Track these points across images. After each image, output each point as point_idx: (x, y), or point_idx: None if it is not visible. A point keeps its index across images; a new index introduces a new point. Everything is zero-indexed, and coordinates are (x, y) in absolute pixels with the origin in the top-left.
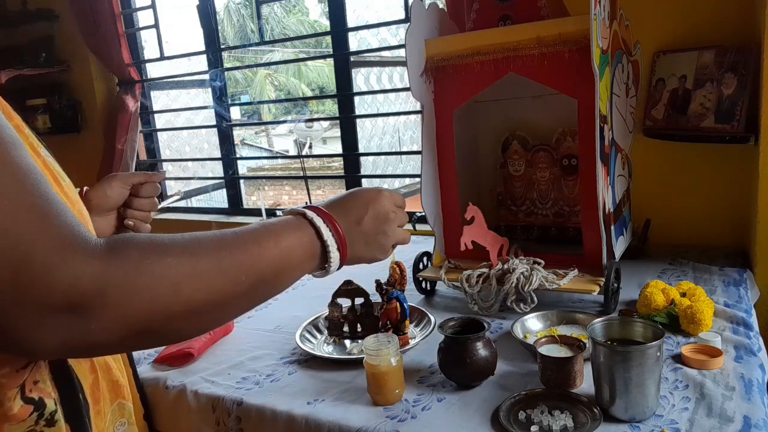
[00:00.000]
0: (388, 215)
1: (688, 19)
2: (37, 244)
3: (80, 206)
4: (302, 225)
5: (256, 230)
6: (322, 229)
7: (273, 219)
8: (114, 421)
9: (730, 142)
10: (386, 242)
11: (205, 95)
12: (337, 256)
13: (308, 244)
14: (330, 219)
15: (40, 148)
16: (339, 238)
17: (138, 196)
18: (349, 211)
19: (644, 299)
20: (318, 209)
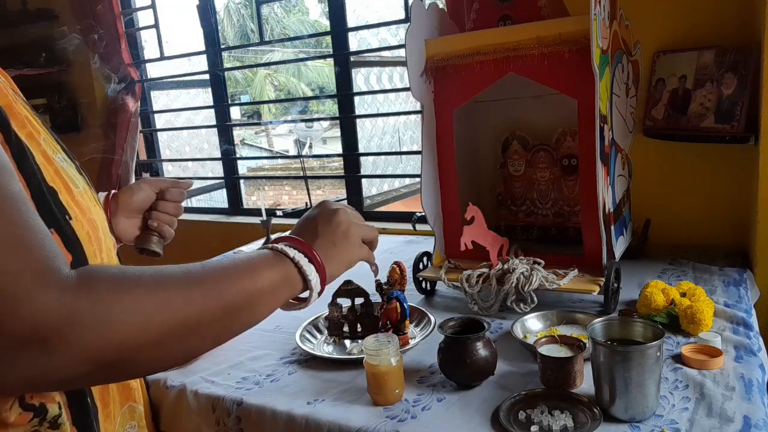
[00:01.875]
0: (335, 211)
1: (688, 19)
2: (8, 275)
3: (92, 214)
4: (272, 254)
5: (227, 261)
6: (285, 249)
7: (243, 255)
8: (124, 423)
9: (730, 142)
10: (350, 234)
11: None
12: (313, 270)
13: (280, 269)
14: (290, 239)
15: (56, 154)
16: (306, 250)
17: (164, 200)
18: (303, 231)
19: (644, 299)
20: (284, 239)
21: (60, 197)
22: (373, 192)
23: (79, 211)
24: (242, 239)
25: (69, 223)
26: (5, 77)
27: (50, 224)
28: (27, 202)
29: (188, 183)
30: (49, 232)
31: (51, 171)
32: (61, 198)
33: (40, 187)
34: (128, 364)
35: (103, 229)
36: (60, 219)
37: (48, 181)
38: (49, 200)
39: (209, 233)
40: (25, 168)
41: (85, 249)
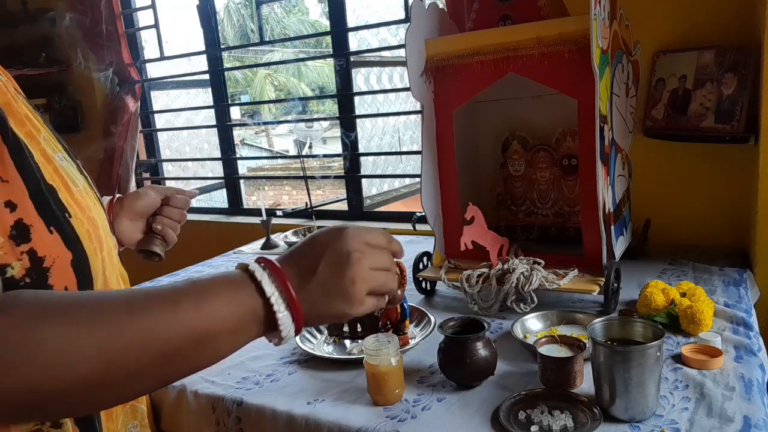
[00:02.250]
0: (350, 256)
1: (688, 19)
2: None
3: (92, 213)
4: (241, 283)
5: (177, 291)
6: (264, 286)
7: (207, 276)
8: (126, 423)
9: (730, 142)
10: (353, 290)
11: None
12: (288, 317)
13: (247, 307)
14: (277, 271)
15: (56, 153)
16: (288, 294)
17: (169, 205)
18: (301, 259)
19: (644, 299)
20: (264, 260)
21: (59, 195)
22: (373, 192)
23: (78, 209)
24: (242, 239)
25: (69, 221)
26: (7, 76)
27: (50, 222)
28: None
29: (194, 192)
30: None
31: (50, 169)
32: (61, 196)
33: (38, 185)
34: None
35: (103, 228)
36: (59, 217)
37: (47, 179)
38: (48, 198)
39: (209, 233)
40: (24, 166)
41: (86, 247)
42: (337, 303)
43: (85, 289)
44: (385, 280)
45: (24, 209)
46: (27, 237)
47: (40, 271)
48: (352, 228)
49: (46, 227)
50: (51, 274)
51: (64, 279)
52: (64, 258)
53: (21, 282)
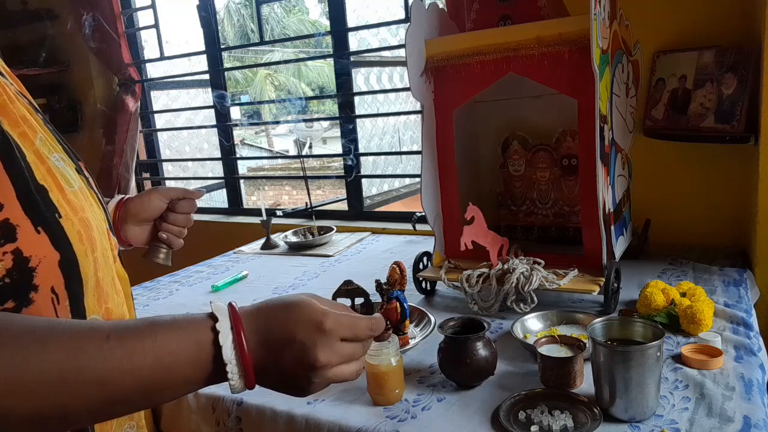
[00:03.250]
0: (315, 366)
1: (688, 19)
2: None
3: (85, 213)
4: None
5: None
6: (225, 352)
7: (170, 318)
8: (122, 423)
9: (730, 142)
10: (308, 389)
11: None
12: (239, 386)
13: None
14: (242, 346)
15: (53, 153)
16: (245, 367)
17: (174, 212)
18: (271, 336)
19: (644, 299)
20: (237, 328)
21: (51, 196)
22: (373, 192)
23: (70, 210)
24: (242, 239)
25: (58, 221)
26: (11, 77)
27: (38, 222)
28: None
29: (199, 193)
30: None
31: (43, 170)
32: (52, 197)
33: (27, 185)
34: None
35: (98, 229)
36: (48, 217)
37: (38, 179)
38: (37, 198)
39: (209, 233)
40: (12, 166)
41: (75, 248)
42: (289, 390)
43: (74, 289)
44: (345, 378)
45: (11, 209)
46: (13, 236)
47: (25, 271)
48: (332, 319)
49: (33, 227)
50: (37, 273)
51: (50, 279)
52: (52, 258)
53: (0, 282)
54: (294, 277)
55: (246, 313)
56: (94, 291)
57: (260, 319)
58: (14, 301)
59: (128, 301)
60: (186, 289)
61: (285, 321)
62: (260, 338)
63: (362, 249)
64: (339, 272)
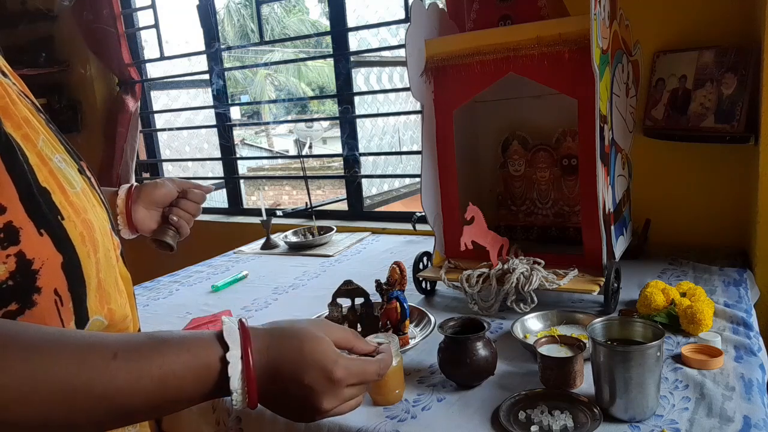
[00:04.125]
0: (320, 410)
1: (688, 19)
2: None
3: (88, 215)
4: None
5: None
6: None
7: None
8: None
9: (730, 142)
10: (306, 421)
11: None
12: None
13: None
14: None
15: (55, 155)
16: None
17: (186, 198)
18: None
19: (644, 299)
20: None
21: (53, 198)
22: (373, 192)
23: (73, 212)
24: (242, 239)
25: (61, 223)
26: (14, 77)
27: (40, 225)
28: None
29: (210, 188)
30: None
31: (45, 172)
32: (54, 198)
33: (30, 187)
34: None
35: (101, 230)
36: (51, 219)
37: (41, 181)
38: (39, 200)
39: (209, 233)
40: (15, 168)
41: (78, 249)
42: (288, 416)
43: (77, 291)
44: (343, 413)
45: (14, 211)
46: (16, 239)
47: (28, 274)
48: (343, 368)
49: (36, 229)
50: (40, 276)
51: (53, 281)
52: (54, 260)
53: (4, 285)
54: (294, 277)
55: (258, 340)
56: (96, 292)
57: (271, 351)
58: (17, 304)
59: (131, 301)
60: (186, 289)
61: (295, 358)
62: (269, 371)
63: (362, 249)
64: (339, 272)
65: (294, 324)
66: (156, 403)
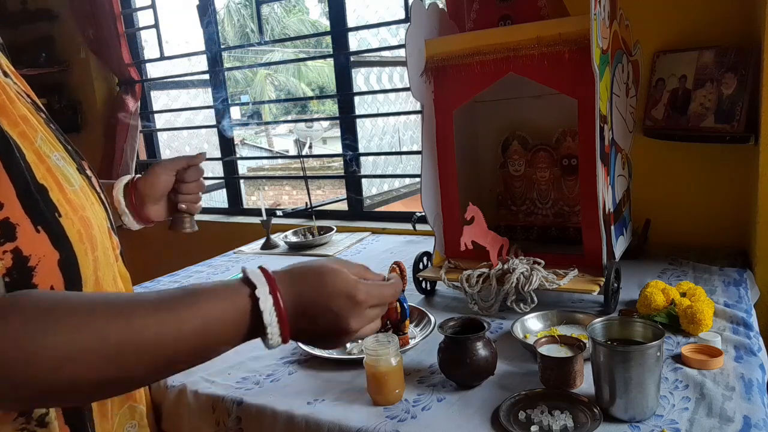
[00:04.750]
0: (349, 329)
1: (688, 19)
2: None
3: (86, 212)
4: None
5: (178, 300)
6: (265, 317)
7: (209, 286)
8: (123, 423)
9: (730, 142)
10: (339, 344)
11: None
12: (277, 341)
13: (243, 328)
14: (283, 320)
15: (53, 153)
16: (283, 328)
17: (184, 182)
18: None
19: (644, 299)
20: (273, 290)
21: (51, 195)
22: (373, 192)
23: (70, 209)
24: (242, 239)
25: (58, 220)
26: (16, 77)
27: (37, 221)
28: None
29: (201, 156)
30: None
31: (43, 169)
32: (52, 196)
33: (27, 184)
34: (43, 402)
35: (99, 228)
36: (48, 216)
37: (38, 179)
38: (37, 198)
39: (209, 233)
40: (12, 165)
41: (75, 247)
42: (323, 345)
43: (73, 289)
44: (368, 335)
45: (11, 208)
46: (12, 236)
47: (24, 270)
48: (363, 290)
49: (33, 226)
50: (36, 273)
51: (50, 278)
52: (51, 257)
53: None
54: None
55: (280, 279)
56: (94, 290)
57: (295, 285)
58: None
59: None
60: None
61: (319, 289)
62: (297, 305)
63: (362, 249)
64: None
65: (310, 263)
66: (198, 349)
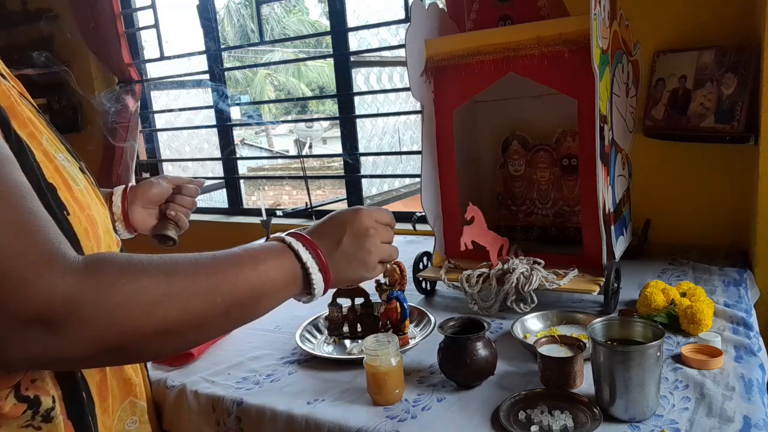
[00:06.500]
0: (367, 231)
1: (688, 19)
2: (15, 258)
3: (91, 211)
4: (282, 250)
5: (236, 254)
6: (301, 253)
7: (253, 244)
8: (124, 418)
9: (730, 142)
10: (369, 259)
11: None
12: (320, 278)
13: (289, 269)
14: (309, 242)
15: (58, 154)
16: (319, 260)
17: (181, 194)
18: (327, 233)
19: (644, 299)
20: (297, 234)
21: (59, 194)
22: (373, 192)
23: (78, 208)
24: (242, 239)
25: (66, 218)
26: (14, 81)
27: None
28: (31, 191)
29: (201, 181)
30: (52, 220)
31: (51, 169)
32: (60, 195)
33: (38, 183)
34: (131, 350)
35: (103, 227)
36: (57, 214)
37: (47, 178)
38: (47, 195)
39: (209, 233)
40: (24, 165)
41: (82, 244)
42: (357, 268)
43: None
44: (391, 252)
45: None
46: None
47: None
48: (365, 208)
49: None
50: None
51: None
52: None
53: None
54: None
55: (312, 235)
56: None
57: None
58: None
59: None
60: None
61: (338, 226)
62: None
63: None
64: None
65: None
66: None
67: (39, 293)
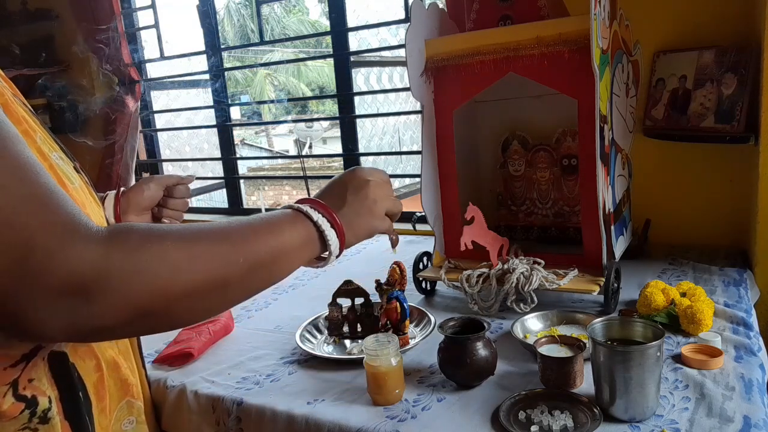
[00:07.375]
0: (368, 183)
1: (688, 19)
2: (38, 231)
3: (87, 210)
4: (293, 214)
5: (251, 220)
6: (311, 213)
7: (268, 214)
8: (121, 418)
9: (730, 142)
10: (375, 208)
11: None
12: (334, 234)
13: (303, 229)
14: (317, 203)
15: (52, 152)
16: (330, 217)
17: (172, 197)
18: (331, 194)
19: (644, 299)
20: (303, 199)
21: None
22: None
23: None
24: None
25: None
26: (5, 80)
27: None
28: (42, 167)
29: (191, 178)
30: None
31: (46, 166)
32: None
33: None
34: (161, 313)
35: (99, 224)
36: None
37: None
38: None
39: None
40: None
41: None
42: (367, 219)
43: None
44: (394, 203)
45: None
46: None
47: None
48: (359, 167)
49: None
50: None
51: None
52: None
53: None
54: (294, 277)
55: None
56: None
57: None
58: None
59: None
60: None
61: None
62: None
63: (362, 249)
64: (339, 272)
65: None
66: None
67: (67, 263)
